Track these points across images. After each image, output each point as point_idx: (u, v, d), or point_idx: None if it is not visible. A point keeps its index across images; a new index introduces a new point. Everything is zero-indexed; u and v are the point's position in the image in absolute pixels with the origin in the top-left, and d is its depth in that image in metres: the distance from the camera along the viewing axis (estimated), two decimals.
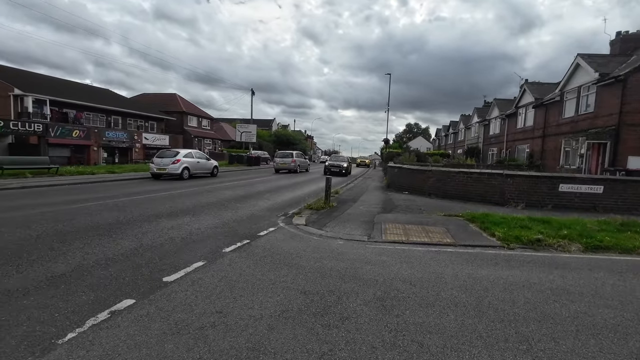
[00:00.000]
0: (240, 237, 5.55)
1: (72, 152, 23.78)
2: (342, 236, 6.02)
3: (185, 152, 16.07)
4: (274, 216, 7.74)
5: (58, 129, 22.35)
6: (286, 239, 5.59)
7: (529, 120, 23.86)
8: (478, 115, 36.26)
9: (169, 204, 8.56)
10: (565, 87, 18.99)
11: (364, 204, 9.60)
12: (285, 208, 8.99)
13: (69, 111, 24.65)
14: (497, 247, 5.66)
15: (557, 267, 4.61)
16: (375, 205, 9.44)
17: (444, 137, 56.61)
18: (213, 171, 18.02)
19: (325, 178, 9.08)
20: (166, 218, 6.86)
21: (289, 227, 6.66)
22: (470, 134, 39.71)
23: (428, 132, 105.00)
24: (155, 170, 15.24)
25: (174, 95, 39.71)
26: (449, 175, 11.23)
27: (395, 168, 14.32)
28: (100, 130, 25.47)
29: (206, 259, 4.30)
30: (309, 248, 5.09)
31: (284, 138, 52.80)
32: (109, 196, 9.59)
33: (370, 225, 6.91)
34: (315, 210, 8.49)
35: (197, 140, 37.90)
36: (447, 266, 4.48)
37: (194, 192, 11.10)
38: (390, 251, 5.14)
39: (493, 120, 31.46)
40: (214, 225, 6.38)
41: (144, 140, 29.60)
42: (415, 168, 12.67)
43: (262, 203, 9.58)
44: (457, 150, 46.52)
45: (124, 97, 34.20)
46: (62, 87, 25.88)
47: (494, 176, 10.35)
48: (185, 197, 10.00)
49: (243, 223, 6.76)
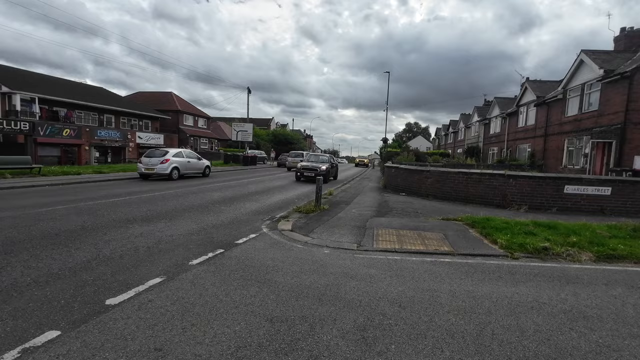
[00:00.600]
0: (215, 246, 4.99)
1: (62, 151, 23.21)
2: (329, 244, 5.46)
3: (175, 151, 15.51)
4: (259, 220, 7.19)
5: (48, 127, 21.78)
6: (266, 248, 5.03)
7: (530, 119, 23.30)
8: (478, 114, 35.69)
9: (147, 207, 8.00)
10: (568, 84, 18.42)
11: (358, 207, 9.05)
12: (274, 211, 8.44)
13: (59, 109, 24.08)
14: (500, 257, 5.11)
15: (569, 282, 4.05)
16: (369, 208, 8.88)
17: (444, 136, 56.05)
18: (205, 171, 17.46)
19: (316, 180, 8.53)
20: (139, 223, 6.30)
21: (273, 233, 6.11)
22: (470, 133, 39.14)
23: (428, 132, 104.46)
24: (143, 170, 14.68)
25: (170, 93, 39.14)
26: (447, 176, 10.68)
27: (392, 168, 13.77)
28: (92, 129, 24.89)
29: (167, 274, 3.74)
30: (289, 259, 4.54)
31: (281, 137, 52.22)
32: (86, 198, 9.03)
33: (362, 231, 6.35)
34: (305, 213, 7.95)
35: (193, 140, 37.34)
36: (444, 281, 3.93)
37: (179, 194, 10.54)
38: (380, 262, 4.59)
39: (493, 119, 30.89)
40: (189, 232, 5.82)
41: (137, 140, 29.03)
42: (413, 168, 12.12)
43: (249, 205, 9.02)
44: (457, 149, 45.96)
45: (119, 96, 33.63)
46: (53, 85, 25.30)
47: (495, 177, 9.79)
48: (168, 199, 9.45)
49: (222, 229, 6.21)
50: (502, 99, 30.12)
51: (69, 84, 28.90)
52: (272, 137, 51.94)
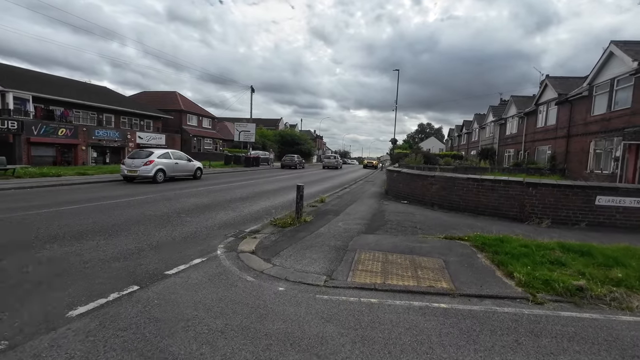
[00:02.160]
0: (131, 280, 3.79)
1: (58, 151, 22.69)
2: (289, 275, 4.19)
3: (161, 152, 14.52)
4: (220, 237, 5.98)
5: (42, 127, 21.25)
6: (200, 284, 3.80)
7: (551, 119, 21.43)
8: (493, 114, 33.73)
9: (97, 218, 6.91)
10: (595, 80, 16.60)
11: (347, 219, 7.73)
12: (246, 223, 7.22)
13: (55, 108, 23.58)
14: (518, 300, 3.74)
15: (625, 357, 2.67)
16: (359, 221, 7.55)
17: (457, 137, 53.93)
18: (196, 173, 16.44)
19: (296, 186, 7.26)
20: (65, 241, 5.18)
21: (227, 256, 4.88)
22: (484, 134, 37.15)
23: (441, 133, 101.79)
24: (125, 172, 13.75)
25: (174, 93, 38.57)
26: (455, 183, 9.24)
27: (394, 172, 12.37)
28: (89, 128, 24.33)
29: (14, 339, 2.55)
30: (221, 305, 3.29)
31: (288, 138, 51.18)
32: (37, 205, 8.03)
33: (340, 255, 5.05)
34: (280, 227, 6.70)
35: (197, 140, 36.65)
36: (433, 352, 2.60)
37: (149, 200, 9.46)
38: (347, 311, 3.29)
39: (510, 119, 28.96)
40: (117, 255, 4.65)
41: (138, 140, 28.41)
42: (416, 173, 10.70)
43: (221, 215, 7.83)
44: (470, 151, 43.92)
45: (121, 95, 33.20)
46: (49, 84, 24.87)
47: (511, 185, 8.32)
48: (132, 206, 8.36)
49: (165, 250, 5.02)
50: (519, 97, 28.17)
51: (69, 83, 28.53)
52: (279, 137, 50.96)
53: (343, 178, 22.62)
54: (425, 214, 8.62)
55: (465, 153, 45.47)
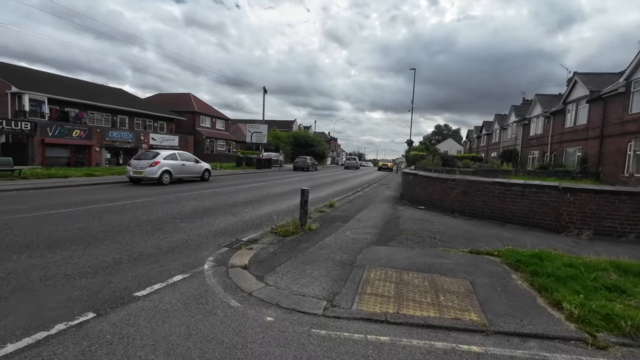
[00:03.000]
0: (94, 303, 3.16)
1: (72, 152, 22.84)
2: (282, 300, 3.47)
3: (167, 153, 14.12)
4: (214, 246, 5.33)
5: (57, 128, 21.42)
6: (172, 311, 3.12)
7: (581, 118, 19.93)
8: (516, 114, 32.09)
9: (85, 223, 6.40)
10: (632, 75, 15.18)
11: (356, 227, 6.95)
12: (245, 230, 6.57)
13: (70, 110, 23.81)
14: (573, 342, 2.90)
15: None
16: (370, 230, 6.76)
17: (476, 139, 52.04)
18: (204, 175, 15.99)
19: (301, 190, 6.54)
20: (42, 249, 4.64)
21: (214, 272, 4.21)
22: (506, 135, 35.46)
23: (459, 134, 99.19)
24: (131, 173, 13.41)
25: (188, 95, 38.71)
26: (478, 187, 8.31)
27: (409, 175, 11.46)
28: (103, 130, 24.45)
29: None
30: (189, 342, 2.60)
31: (302, 139, 50.66)
32: (29, 208, 7.63)
33: (346, 272, 4.29)
34: (282, 235, 6.00)
35: (210, 141, 36.59)
36: None
37: (149, 203, 8.95)
38: (349, 355, 2.53)
39: (534, 119, 27.38)
40: (87, 270, 4.05)
41: (151, 141, 28.46)
42: (434, 176, 9.79)
43: (219, 221, 7.20)
44: (490, 153, 42.15)
45: (136, 97, 33.51)
46: (65, 85, 25.18)
47: (544, 190, 7.33)
48: (127, 210, 7.85)
49: (145, 262, 4.40)
50: (544, 96, 26.58)
51: (84, 85, 28.92)
52: (292, 139, 50.53)
53: (356, 181, 21.80)
54: (444, 222, 7.73)
55: (485, 155, 43.70)
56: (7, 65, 24.12)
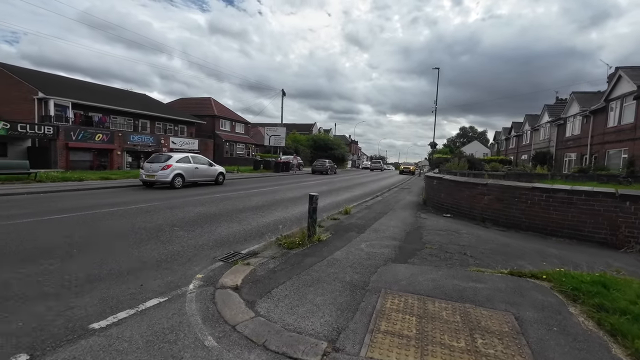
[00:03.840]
0: (35, 339, 2.56)
1: (94, 156, 23.29)
2: (272, 338, 2.74)
3: (180, 156, 13.83)
4: (207, 260, 4.70)
5: (80, 132, 21.89)
6: (129, 351, 2.46)
7: (627, 116, 18.05)
8: (549, 113, 29.96)
9: (75, 231, 5.97)
10: None
11: (373, 238, 6.12)
12: (248, 240, 5.92)
13: (93, 114, 24.36)
14: None
15: None
16: (389, 242, 5.91)
17: (504, 141, 49.44)
18: (218, 178, 15.62)
19: (309, 197, 5.81)
20: (13, 263, 4.17)
21: (198, 294, 3.55)
22: (538, 137, 33.24)
23: (485, 136, 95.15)
24: (144, 177, 13.19)
25: (209, 99, 39.12)
26: (515, 193, 7.25)
27: (433, 179, 10.46)
28: (124, 133, 24.84)
29: None
30: None
31: (321, 143, 50.04)
32: (25, 214, 7.34)
33: (356, 298, 3.51)
34: (286, 248, 5.28)
35: (229, 145, 36.68)
36: None
37: (152, 209, 8.51)
38: None
39: (571, 118, 25.34)
40: (49, 291, 3.49)
41: (171, 144, 28.73)
42: (462, 180, 8.78)
43: (221, 229, 6.59)
44: (520, 155, 39.78)
45: (158, 102, 34.14)
46: (89, 91, 25.85)
47: (598, 197, 6.20)
48: (127, 216, 7.41)
49: (122, 280, 3.80)
50: (582, 94, 24.53)
51: (108, 90, 29.68)
52: (311, 142, 50.03)
53: (375, 185, 20.84)
54: (475, 233, 6.74)
55: (515, 158, 41.31)
56: (35, 72, 25.08)
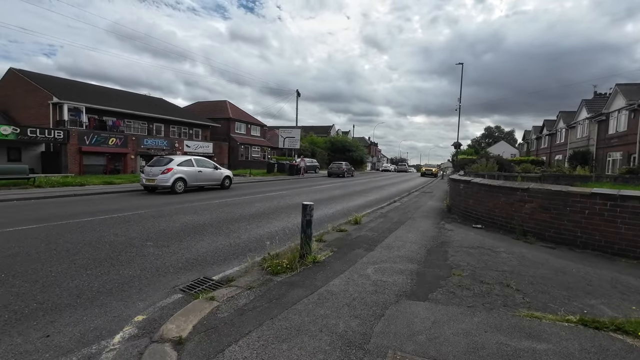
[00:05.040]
0: None
1: (108, 160, 23.20)
2: None
3: (182, 159, 13.02)
4: (163, 290, 3.62)
5: (94, 136, 21.82)
6: None
7: None
8: (588, 109, 27.32)
9: (30, 245, 5.08)
10: None
11: (384, 259, 4.84)
12: (227, 261, 4.81)
13: (108, 119, 24.31)
14: None
15: None
16: (404, 265, 4.61)
17: (535, 140, 46.31)
18: (224, 182, 14.73)
19: (302, 207, 4.62)
20: None
21: (118, 353, 2.44)
22: (575, 135, 30.50)
23: (513, 136, 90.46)
24: (144, 181, 12.47)
25: (224, 102, 38.85)
26: (567, 201, 5.74)
27: (459, 183, 8.98)
28: (138, 137, 24.67)
29: None
30: None
31: (339, 145, 48.73)
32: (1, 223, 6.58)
33: None
34: (271, 272, 4.13)
35: (244, 148, 36.15)
36: None
37: (136, 218, 7.59)
38: None
39: (614, 113, 22.79)
40: None
41: (185, 148, 28.42)
42: (496, 184, 7.30)
43: (201, 245, 5.53)
44: (554, 156, 36.87)
45: (174, 106, 34.11)
46: (103, 95, 25.88)
47: None
48: (105, 227, 6.51)
49: (29, 323, 2.77)
50: (628, 85, 21.98)
51: (123, 94, 29.77)
52: (329, 144, 48.83)
53: (394, 189, 19.37)
54: (517, 252, 5.31)
55: (548, 158, 38.40)
56: (51, 78, 25.40)
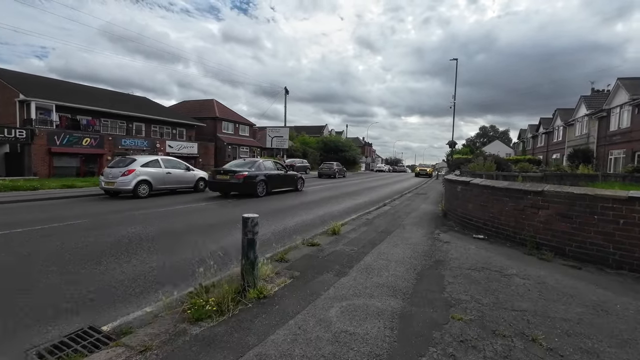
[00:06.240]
0: None
1: (82, 161, 21.70)
2: None
3: (147, 159, 11.66)
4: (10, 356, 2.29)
5: (65, 136, 20.33)
6: None
7: None
8: (587, 105, 26.37)
9: None
10: None
11: (357, 291, 3.57)
12: (142, 295, 3.53)
13: (82, 118, 22.83)
14: None
15: None
16: (384, 301, 3.34)
17: (531, 139, 45.46)
18: (197, 185, 13.39)
19: (242, 221, 3.34)
20: None
21: None
22: (573, 132, 29.56)
23: (507, 136, 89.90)
24: (103, 184, 11.11)
25: (212, 101, 37.42)
26: (594, 207, 4.52)
27: (457, 184, 7.74)
28: (115, 137, 23.19)
29: None
30: None
31: (331, 145, 47.50)
32: None
33: None
34: (190, 318, 2.84)
35: (232, 148, 34.73)
36: None
37: (64, 231, 6.27)
38: None
39: (616, 109, 21.82)
40: None
41: (167, 149, 26.97)
42: (501, 187, 6.07)
43: (121, 270, 4.23)
44: (551, 154, 35.96)
45: (158, 105, 32.62)
46: (78, 93, 24.35)
47: None
48: (21, 243, 5.17)
49: None
50: (631, 80, 20.99)
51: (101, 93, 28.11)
52: (321, 144, 47.58)
53: (387, 190, 18.15)
54: (534, 276, 4.07)
55: (545, 157, 37.51)
56: (20, 74, 23.81)
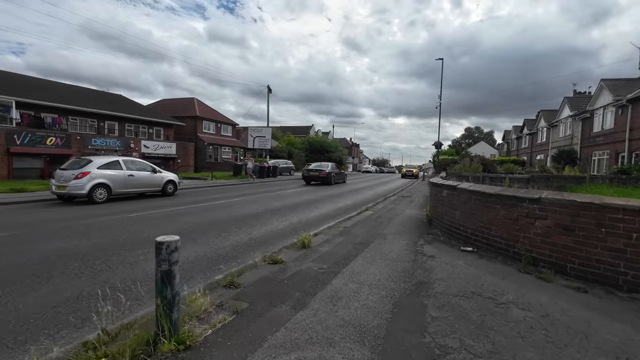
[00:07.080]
0: None
1: (46, 162, 20.18)
2: None
3: (105, 160, 10.55)
4: None
5: (26, 135, 18.84)
6: None
7: None
8: (571, 106, 26.40)
9: None
10: None
11: (315, 336, 2.73)
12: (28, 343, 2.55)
13: (46, 115, 21.31)
14: None
15: None
16: (347, 352, 2.51)
17: (515, 140, 45.79)
18: (166, 188, 12.33)
19: (155, 248, 2.47)
20: None
21: None
22: (557, 134, 29.63)
23: (492, 137, 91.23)
24: (54, 188, 9.96)
25: (192, 99, 36.05)
26: (602, 219, 3.83)
27: (442, 188, 7.03)
28: (85, 137, 21.75)
29: None
30: None
31: (317, 145, 46.71)
32: None
33: None
34: None
35: (213, 149, 33.50)
36: None
37: None
38: None
39: (600, 110, 21.77)
40: None
41: (143, 149, 25.60)
42: (492, 192, 5.37)
43: (12, 305, 3.27)
44: (535, 155, 36.12)
45: (135, 103, 31.08)
46: (44, 89, 22.75)
47: None
48: None
49: None
50: (614, 81, 20.96)
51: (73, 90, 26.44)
52: (307, 145, 46.73)
53: (371, 192, 17.45)
54: (535, 305, 3.33)
55: (529, 158, 37.69)
56: None
